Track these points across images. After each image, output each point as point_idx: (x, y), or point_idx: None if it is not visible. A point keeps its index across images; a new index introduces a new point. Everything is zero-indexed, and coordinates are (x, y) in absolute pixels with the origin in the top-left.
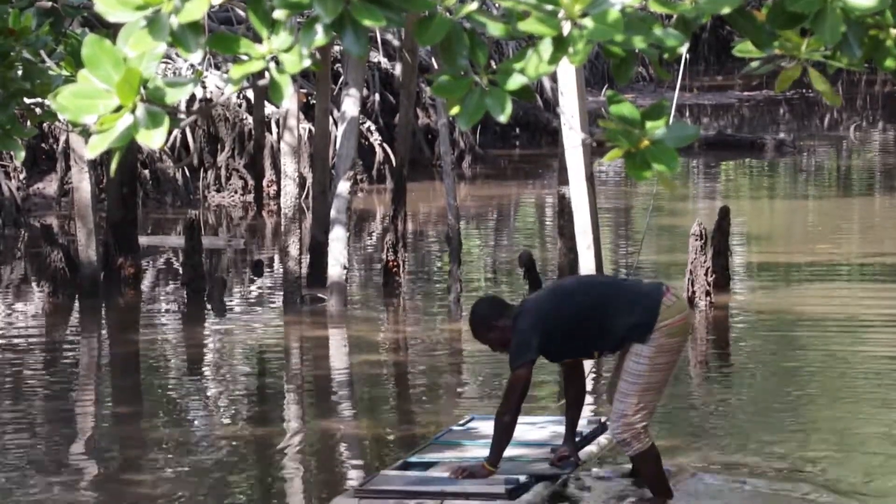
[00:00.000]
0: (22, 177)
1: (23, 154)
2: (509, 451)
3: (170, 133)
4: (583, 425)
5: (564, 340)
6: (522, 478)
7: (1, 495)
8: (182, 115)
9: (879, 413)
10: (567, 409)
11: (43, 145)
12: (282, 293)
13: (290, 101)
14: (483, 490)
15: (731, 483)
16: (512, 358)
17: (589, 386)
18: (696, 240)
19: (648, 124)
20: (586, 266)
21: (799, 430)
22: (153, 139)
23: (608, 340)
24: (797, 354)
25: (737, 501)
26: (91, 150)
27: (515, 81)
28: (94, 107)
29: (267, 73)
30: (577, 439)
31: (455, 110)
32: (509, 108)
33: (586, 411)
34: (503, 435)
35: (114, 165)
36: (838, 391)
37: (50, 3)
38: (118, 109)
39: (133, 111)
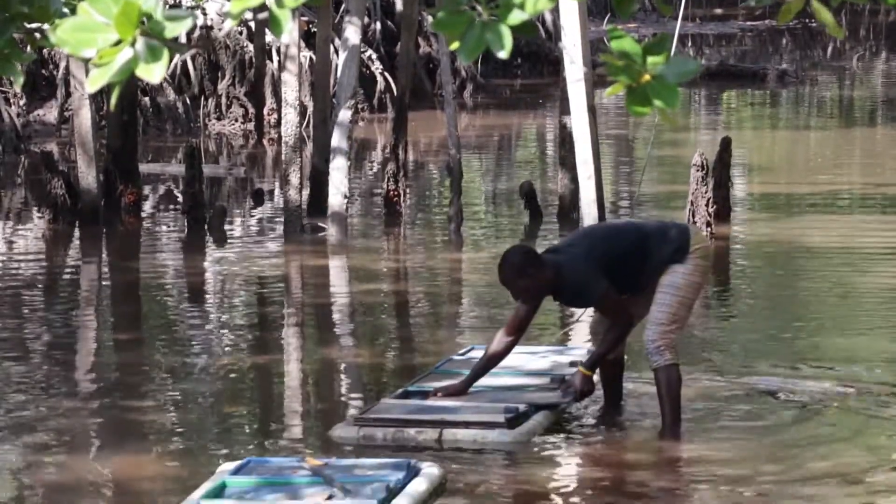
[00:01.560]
0: (22, 103)
1: (22, 79)
2: (509, 381)
3: (170, 61)
4: (581, 354)
5: (616, 277)
6: (522, 407)
7: (1, 421)
8: (182, 45)
9: (879, 340)
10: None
11: (43, 72)
12: (282, 222)
13: (290, 29)
14: (483, 419)
15: (732, 409)
16: (589, 295)
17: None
18: (698, 170)
19: (649, 59)
20: (587, 197)
21: (799, 357)
22: (153, 73)
23: (652, 272)
24: (798, 284)
25: (739, 432)
26: (91, 83)
27: (516, 17)
28: (94, 41)
29: (267, 7)
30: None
31: (455, 45)
32: (510, 43)
33: (584, 345)
34: (617, 340)
35: (114, 99)
36: (838, 320)
37: None
38: (118, 43)
39: (132, 45)
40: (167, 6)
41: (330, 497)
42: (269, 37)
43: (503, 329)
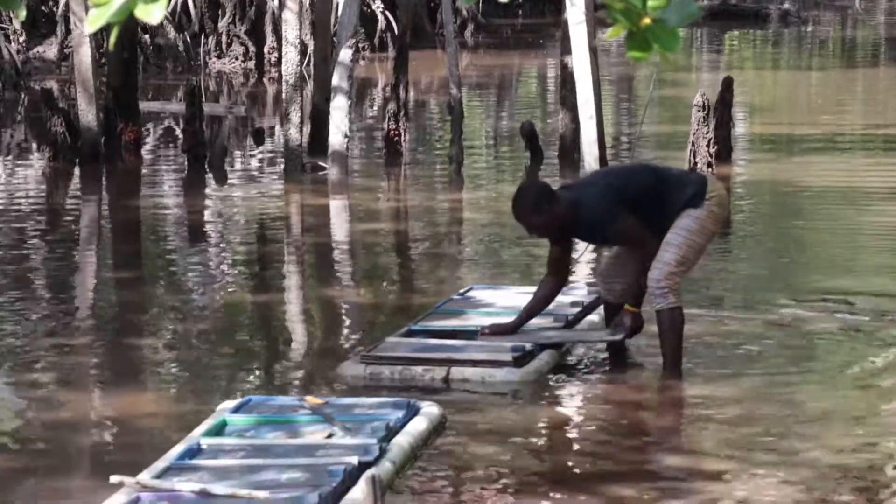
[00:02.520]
0: (22, 40)
1: (23, 13)
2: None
3: (169, 1)
4: (582, 294)
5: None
6: (528, 345)
7: (1, 359)
8: None
9: (881, 279)
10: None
11: (43, 8)
12: (282, 161)
13: None
14: (489, 358)
15: (733, 348)
16: (608, 225)
17: (587, 259)
18: (699, 111)
19: (650, 3)
20: (588, 137)
21: (800, 296)
22: (151, 14)
23: (668, 216)
24: (798, 224)
25: (740, 372)
26: (90, 23)
27: None
28: None
29: None
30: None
31: None
32: None
33: (585, 282)
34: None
35: (112, 39)
36: (840, 259)
37: None
38: None
39: None
40: None
41: (330, 436)
42: None
43: (546, 273)
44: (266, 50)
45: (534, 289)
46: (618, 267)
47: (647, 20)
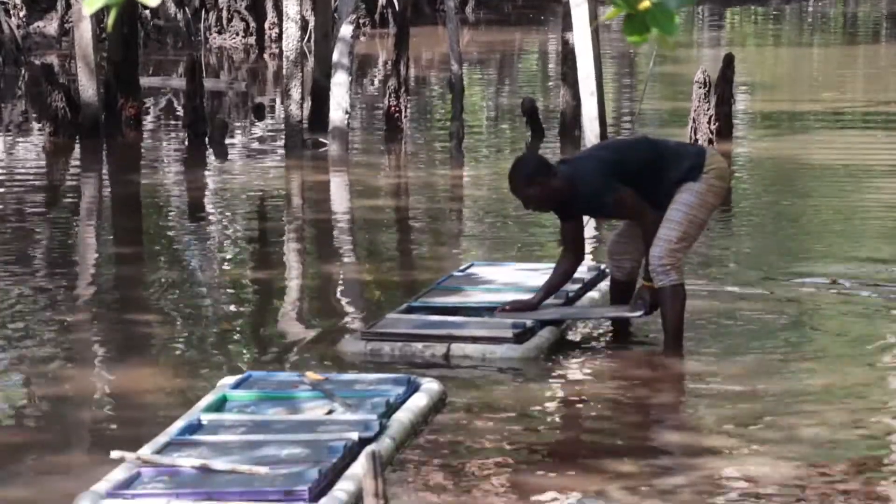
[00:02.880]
0: (22, 15)
1: None
2: (513, 297)
3: None
4: (582, 272)
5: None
6: (529, 322)
7: (2, 333)
8: None
9: (881, 255)
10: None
11: None
12: (283, 137)
13: None
14: (490, 334)
15: (734, 325)
16: (602, 198)
17: (590, 233)
18: (700, 87)
19: None
20: (589, 113)
21: (800, 272)
22: None
23: (667, 190)
24: (799, 200)
25: (740, 348)
26: (87, 6)
27: None
28: None
29: None
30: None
31: None
32: None
33: (587, 258)
34: (655, 225)
35: (110, 21)
36: (840, 236)
37: None
38: None
39: None
40: None
41: (330, 412)
42: None
43: (563, 250)
44: (267, 25)
45: (535, 264)
46: (625, 244)
47: (646, 2)
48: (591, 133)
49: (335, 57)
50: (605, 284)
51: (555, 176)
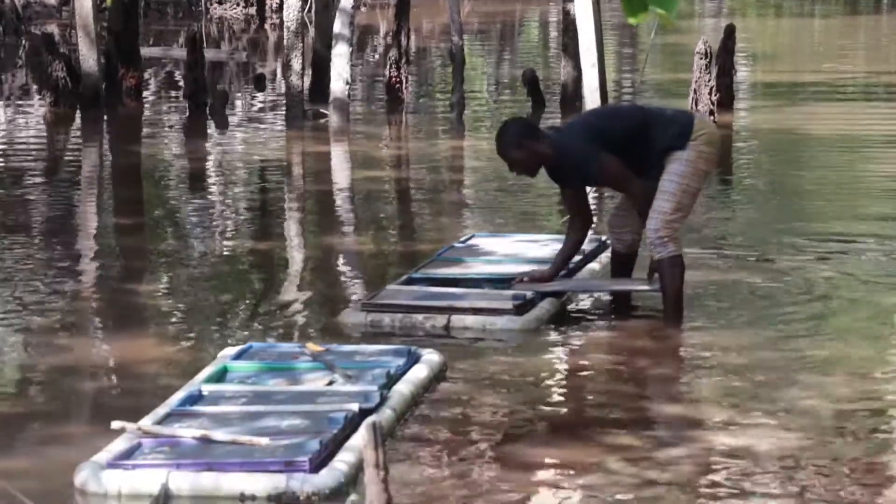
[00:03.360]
0: None
1: None
2: (512, 268)
3: None
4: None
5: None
6: (529, 294)
7: (3, 303)
8: None
9: (882, 226)
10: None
11: None
12: (284, 108)
13: None
14: (491, 305)
15: (734, 297)
16: (586, 168)
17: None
18: (701, 58)
19: None
20: (590, 84)
21: (801, 244)
22: None
23: (649, 157)
24: (800, 171)
25: (740, 320)
26: None
27: None
28: None
29: None
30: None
31: None
32: None
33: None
34: (646, 201)
35: (109, 1)
36: (841, 206)
37: None
38: None
39: None
40: None
41: (331, 383)
42: None
43: (570, 218)
44: None
45: (536, 236)
46: (624, 216)
47: None
48: (591, 104)
49: (336, 27)
50: (605, 256)
51: (541, 141)
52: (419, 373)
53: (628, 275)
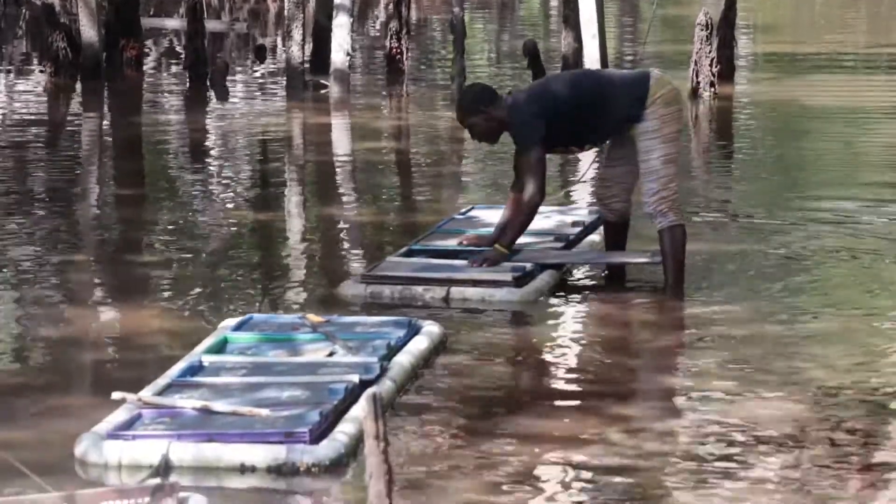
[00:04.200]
0: None
1: None
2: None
3: None
4: (584, 215)
5: (564, 125)
6: (528, 266)
7: (3, 274)
8: None
9: (883, 198)
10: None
11: None
12: (284, 79)
13: None
14: (490, 277)
15: (735, 268)
16: (520, 140)
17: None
18: (702, 30)
19: None
20: (591, 55)
21: (802, 216)
22: None
23: (607, 123)
24: (801, 143)
25: (743, 291)
26: None
27: None
28: None
29: None
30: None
31: None
32: None
33: (586, 203)
34: (529, 217)
35: None
36: (841, 178)
37: None
38: None
39: None
40: None
41: (331, 354)
42: None
43: (528, 183)
44: None
45: (541, 208)
46: (609, 187)
47: None
48: None
49: None
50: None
51: (498, 106)
52: (420, 344)
53: (623, 244)
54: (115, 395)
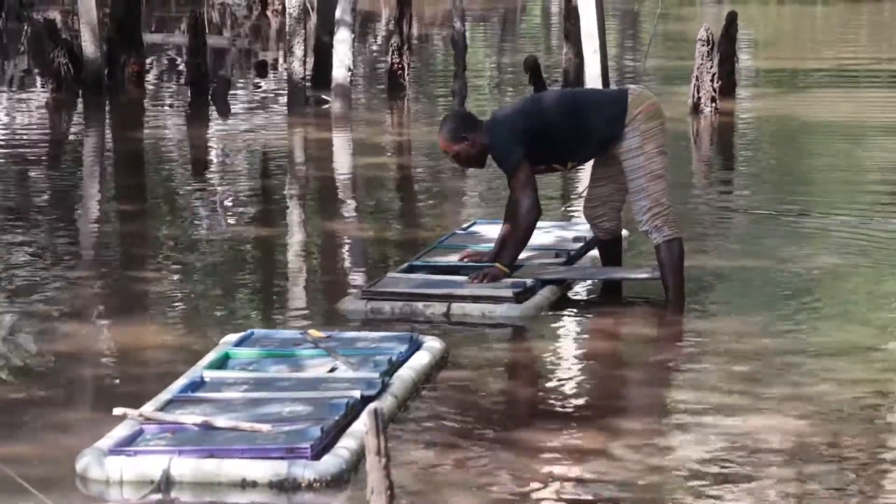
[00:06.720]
0: None
1: None
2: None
3: None
4: (585, 230)
5: (543, 145)
6: (529, 282)
7: (5, 289)
8: None
9: (884, 213)
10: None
11: None
12: (286, 94)
13: None
14: (491, 293)
15: (737, 282)
16: (502, 164)
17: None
18: (703, 45)
19: None
20: (592, 70)
21: (802, 231)
22: None
23: (586, 143)
24: (802, 159)
25: (743, 307)
26: None
27: None
28: None
29: None
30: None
31: None
32: None
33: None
34: (527, 234)
35: None
36: (842, 194)
37: None
38: None
39: None
40: None
41: (332, 369)
42: None
43: (519, 202)
44: None
45: (542, 224)
46: (595, 207)
47: None
48: None
49: (338, 14)
50: None
51: (480, 132)
52: (421, 359)
53: (618, 260)
54: (117, 410)
